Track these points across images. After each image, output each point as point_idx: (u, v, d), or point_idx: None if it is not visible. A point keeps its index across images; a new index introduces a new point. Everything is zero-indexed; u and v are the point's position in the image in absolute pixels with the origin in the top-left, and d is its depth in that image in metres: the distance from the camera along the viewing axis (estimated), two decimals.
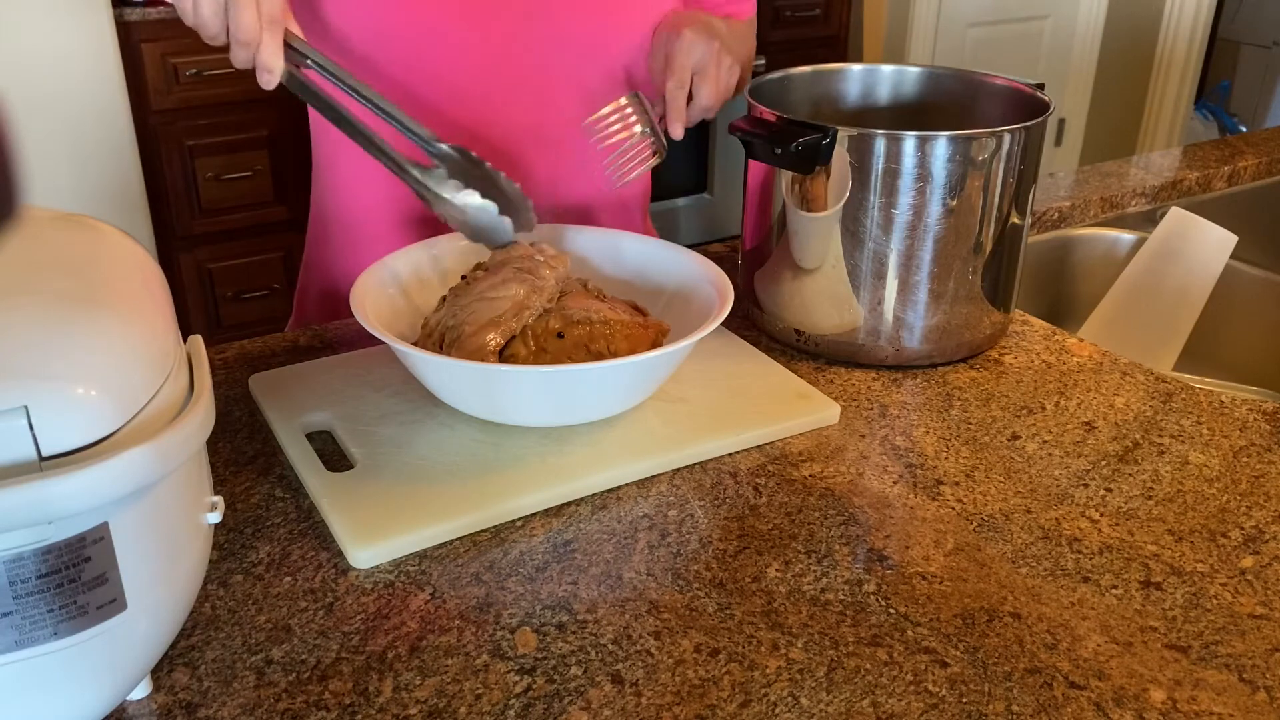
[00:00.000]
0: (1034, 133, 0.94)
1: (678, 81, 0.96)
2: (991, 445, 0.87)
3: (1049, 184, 1.48)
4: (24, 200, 0.43)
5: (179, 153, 2.57)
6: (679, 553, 0.73)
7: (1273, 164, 1.61)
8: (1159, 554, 0.74)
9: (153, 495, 0.52)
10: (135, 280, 0.56)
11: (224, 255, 2.68)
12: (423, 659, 0.64)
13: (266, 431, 0.86)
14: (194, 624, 0.67)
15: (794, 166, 0.93)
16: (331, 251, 1.16)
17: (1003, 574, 0.72)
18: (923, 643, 0.66)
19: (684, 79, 0.96)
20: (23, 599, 0.49)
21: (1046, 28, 3.67)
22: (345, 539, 0.72)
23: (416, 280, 0.95)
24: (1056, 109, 1.21)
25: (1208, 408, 0.93)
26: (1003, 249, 0.97)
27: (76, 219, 0.60)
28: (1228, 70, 4.49)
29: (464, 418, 0.85)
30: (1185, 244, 1.32)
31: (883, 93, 1.11)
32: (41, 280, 0.53)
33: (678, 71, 0.96)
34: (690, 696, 0.62)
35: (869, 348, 0.97)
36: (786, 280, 0.99)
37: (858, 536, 0.75)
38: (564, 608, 0.68)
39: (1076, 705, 0.61)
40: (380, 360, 0.93)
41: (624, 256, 0.98)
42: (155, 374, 0.53)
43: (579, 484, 0.79)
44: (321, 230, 1.17)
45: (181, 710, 0.61)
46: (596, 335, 0.83)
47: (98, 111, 2.39)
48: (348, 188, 1.12)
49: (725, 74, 0.98)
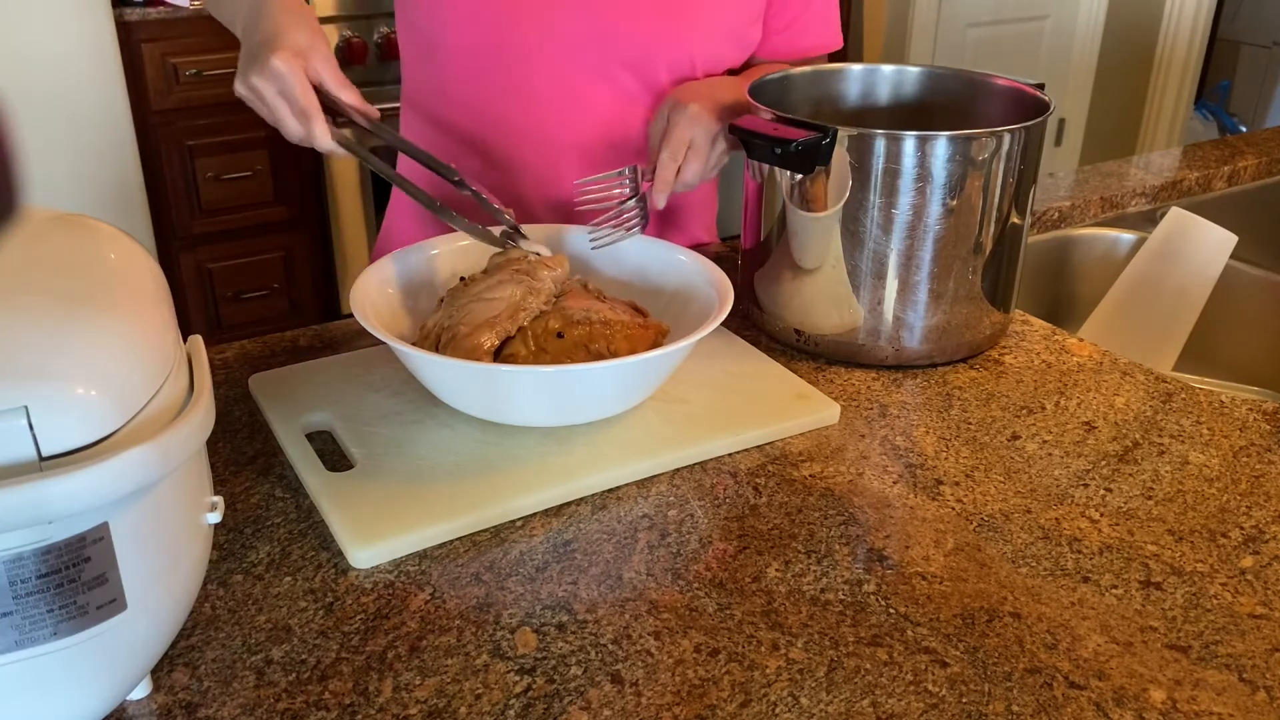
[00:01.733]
0: (1034, 133, 0.94)
1: (671, 153, 0.97)
2: (991, 445, 0.87)
3: (1049, 184, 1.48)
4: (24, 200, 0.43)
5: (179, 153, 2.58)
6: (679, 553, 0.73)
7: (1273, 164, 1.61)
8: (1159, 554, 0.74)
9: (153, 495, 0.52)
10: (135, 280, 0.56)
11: (224, 255, 2.68)
12: (423, 659, 0.64)
13: (266, 431, 0.86)
14: (194, 624, 0.67)
15: (794, 166, 0.93)
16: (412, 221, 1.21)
17: (1003, 574, 0.72)
18: (923, 643, 0.66)
19: (678, 151, 0.97)
20: (23, 599, 0.49)
21: (1046, 28, 3.67)
22: (345, 539, 0.72)
23: (417, 280, 0.95)
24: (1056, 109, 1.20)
25: (1208, 408, 0.93)
26: (1003, 249, 0.97)
27: (76, 219, 0.60)
28: (1228, 70, 4.49)
29: (464, 418, 0.85)
30: (1185, 244, 1.32)
31: (883, 93, 1.11)
32: (41, 280, 0.53)
33: (674, 143, 0.97)
34: (690, 696, 0.62)
35: (869, 348, 0.97)
36: (786, 280, 0.99)
37: (858, 536, 0.75)
38: (564, 608, 0.68)
39: (1076, 705, 0.61)
40: (380, 360, 0.93)
41: (624, 256, 0.98)
42: (155, 374, 0.53)
43: (579, 484, 0.79)
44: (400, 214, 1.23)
45: (181, 710, 0.61)
46: (596, 335, 0.83)
47: (98, 111, 2.39)
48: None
49: (717, 157, 1.00)
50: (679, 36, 1.08)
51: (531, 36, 1.07)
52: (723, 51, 1.12)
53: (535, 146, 1.12)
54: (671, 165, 0.97)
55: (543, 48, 1.07)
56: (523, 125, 1.11)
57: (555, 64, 1.08)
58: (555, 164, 1.12)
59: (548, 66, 1.08)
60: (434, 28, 1.10)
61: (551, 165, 1.12)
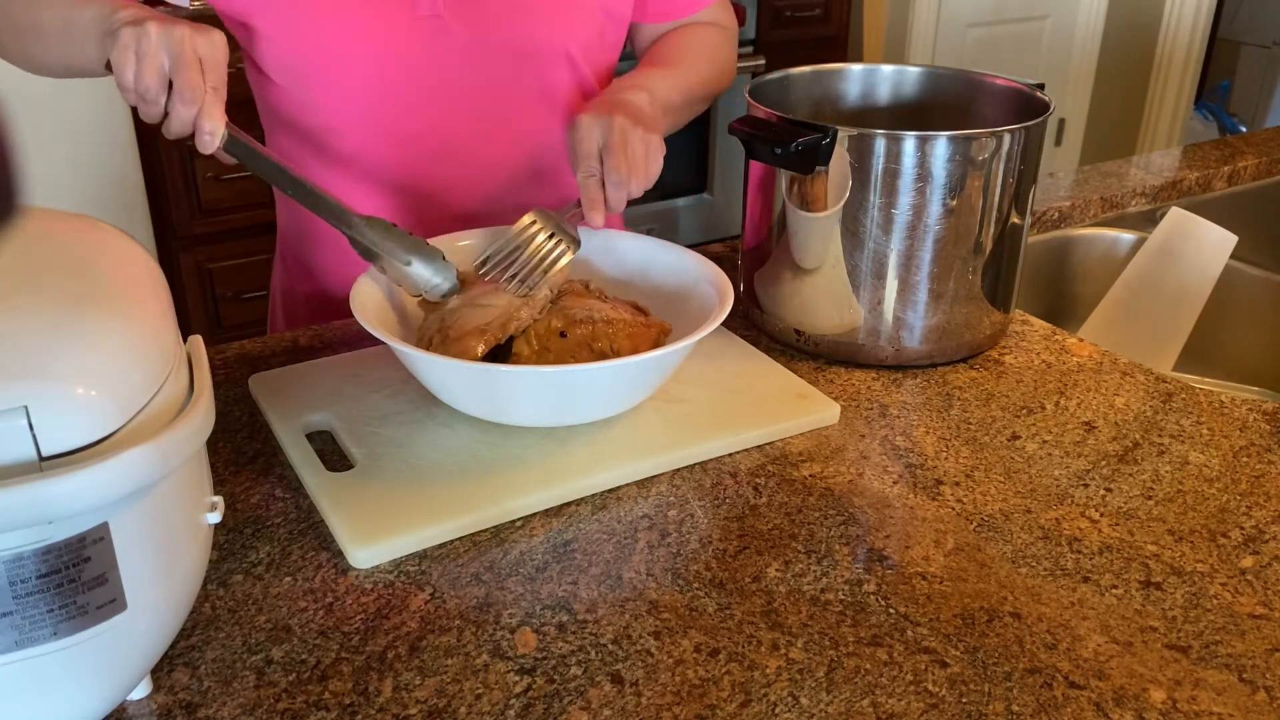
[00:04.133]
0: (1034, 133, 0.94)
1: (585, 170, 0.90)
2: (991, 445, 0.87)
3: (1049, 184, 1.48)
4: (24, 200, 0.43)
5: (179, 153, 2.57)
6: (679, 553, 0.73)
7: (1273, 164, 1.61)
8: (1159, 554, 0.74)
9: (153, 495, 0.52)
10: (135, 280, 0.56)
11: (224, 255, 2.67)
12: (423, 659, 0.64)
13: (266, 431, 0.86)
14: (194, 624, 0.67)
15: (794, 166, 0.93)
16: (299, 255, 1.15)
17: (1003, 574, 0.72)
18: (923, 643, 0.66)
19: (591, 167, 0.90)
20: (23, 599, 0.49)
21: (1046, 28, 3.67)
22: (345, 539, 0.72)
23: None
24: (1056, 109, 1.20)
25: (1208, 408, 0.93)
26: (1003, 249, 0.97)
27: (76, 219, 0.60)
28: (1228, 70, 4.49)
29: (464, 418, 0.85)
30: (1185, 244, 1.32)
31: (883, 93, 1.11)
32: (42, 280, 0.53)
33: (582, 160, 0.90)
34: (690, 696, 0.62)
35: (869, 348, 0.97)
36: (786, 280, 0.99)
37: (858, 536, 0.75)
38: (564, 608, 0.68)
39: (1076, 705, 0.61)
40: (380, 360, 0.93)
41: (624, 256, 0.98)
42: (155, 374, 0.53)
43: (579, 484, 0.79)
44: (288, 235, 1.17)
45: (181, 710, 0.61)
46: (599, 334, 0.83)
47: (98, 111, 2.39)
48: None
49: (638, 146, 0.90)
50: (549, 29, 1.03)
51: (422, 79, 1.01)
52: (594, 30, 1.06)
53: (447, 170, 1.06)
54: (592, 183, 0.90)
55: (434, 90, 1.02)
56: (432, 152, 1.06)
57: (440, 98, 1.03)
58: (478, 181, 1.08)
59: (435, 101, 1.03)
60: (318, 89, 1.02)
61: (474, 183, 1.08)
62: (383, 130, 1.04)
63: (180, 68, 0.79)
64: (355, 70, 1.00)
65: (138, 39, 0.79)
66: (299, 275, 1.16)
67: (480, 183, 1.08)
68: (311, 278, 1.14)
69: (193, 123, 0.81)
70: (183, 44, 0.79)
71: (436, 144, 1.05)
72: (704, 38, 1.13)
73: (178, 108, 0.81)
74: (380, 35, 0.99)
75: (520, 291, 0.86)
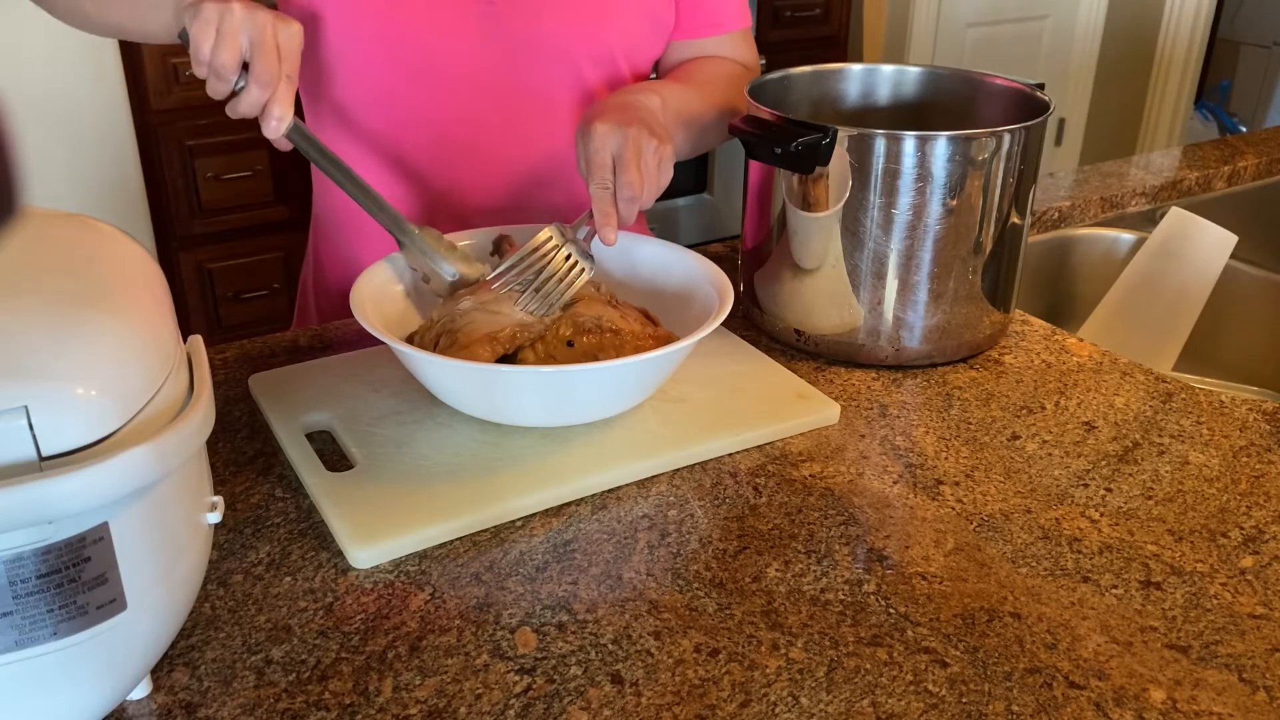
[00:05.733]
0: (1034, 133, 0.94)
1: (598, 183, 0.87)
2: (991, 445, 0.87)
3: (1049, 184, 1.48)
4: (24, 200, 0.43)
5: (179, 153, 2.57)
6: (679, 553, 0.73)
7: (1273, 164, 1.61)
8: (1159, 554, 0.74)
9: (153, 495, 0.52)
10: (135, 280, 0.56)
11: (224, 255, 2.68)
12: (423, 659, 0.64)
13: (266, 431, 0.86)
14: (194, 624, 0.67)
15: (794, 166, 0.93)
16: (337, 247, 1.16)
17: (1003, 574, 0.72)
18: (923, 643, 0.66)
19: (604, 178, 0.87)
20: (23, 599, 0.49)
21: (1046, 28, 3.67)
22: (345, 539, 0.72)
23: (417, 280, 0.94)
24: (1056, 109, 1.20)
25: (1208, 408, 0.93)
26: (1003, 249, 0.97)
27: (76, 219, 0.60)
28: (1228, 70, 4.49)
29: (464, 418, 0.85)
30: (1185, 244, 1.32)
31: (883, 93, 1.11)
32: (42, 280, 0.53)
33: (596, 172, 0.87)
34: (690, 696, 0.62)
35: (869, 348, 0.97)
36: (786, 280, 0.99)
37: (858, 536, 0.75)
38: (564, 608, 0.68)
39: (1076, 705, 0.61)
40: (380, 360, 0.93)
41: (624, 257, 0.98)
42: (155, 374, 0.53)
43: (579, 484, 0.79)
44: (327, 227, 1.17)
45: (181, 710, 0.61)
46: (605, 345, 0.83)
47: (98, 111, 2.39)
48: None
49: (650, 158, 0.88)
50: (598, 28, 1.04)
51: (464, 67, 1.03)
52: (640, 35, 1.07)
53: (471, 163, 1.07)
54: (604, 195, 0.87)
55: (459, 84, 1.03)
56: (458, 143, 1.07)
57: (477, 88, 1.04)
58: (496, 178, 1.08)
59: (472, 91, 1.04)
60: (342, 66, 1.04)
61: (493, 180, 1.08)
62: (413, 116, 1.05)
63: (260, 52, 0.82)
64: (405, 50, 1.02)
65: (221, 16, 0.82)
66: (335, 268, 1.17)
67: (499, 180, 1.08)
68: (349, 271, 1.15)
69: (263, 105, 0.84)
70: (265, 29, 0.82)
71: (463, 136, 1.06)
72: (726, 68, 1.13)
73: (252, 90, 0.83)
74: (434, 19, 1.01)
75: (538, 312, 0.86)
